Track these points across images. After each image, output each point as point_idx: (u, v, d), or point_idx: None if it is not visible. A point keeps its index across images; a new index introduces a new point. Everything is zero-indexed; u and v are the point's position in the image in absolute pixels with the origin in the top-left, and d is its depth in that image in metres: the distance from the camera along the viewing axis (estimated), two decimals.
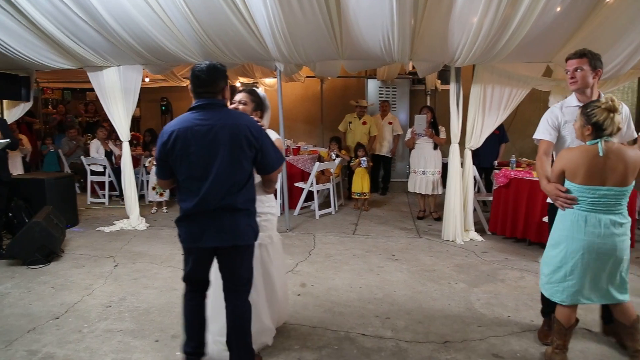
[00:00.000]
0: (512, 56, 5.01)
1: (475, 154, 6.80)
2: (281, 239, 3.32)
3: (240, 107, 2.98)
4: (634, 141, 3.11)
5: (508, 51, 4.84)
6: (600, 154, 2.59)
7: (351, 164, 7.60)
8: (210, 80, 2.51)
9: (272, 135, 3.00)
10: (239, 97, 3.03)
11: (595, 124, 2.61)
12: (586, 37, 4.59)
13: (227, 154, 2.45)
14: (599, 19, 4.42)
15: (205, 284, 2.76)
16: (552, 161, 2.99)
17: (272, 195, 3.11)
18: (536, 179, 5.30)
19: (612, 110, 2.58)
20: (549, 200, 3.05)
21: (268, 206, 3.08)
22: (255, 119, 2.79)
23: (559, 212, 2.84)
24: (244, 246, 2.62)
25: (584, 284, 2.73)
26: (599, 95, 2.97)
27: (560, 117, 3.08)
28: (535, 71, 5.70)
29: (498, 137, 7.02)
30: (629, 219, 2.74)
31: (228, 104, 2.72)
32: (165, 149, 2.49)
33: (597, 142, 2.61)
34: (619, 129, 2.63)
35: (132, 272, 4.63)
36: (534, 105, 9.04)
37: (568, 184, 2.74)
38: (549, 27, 4.50)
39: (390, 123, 8.66)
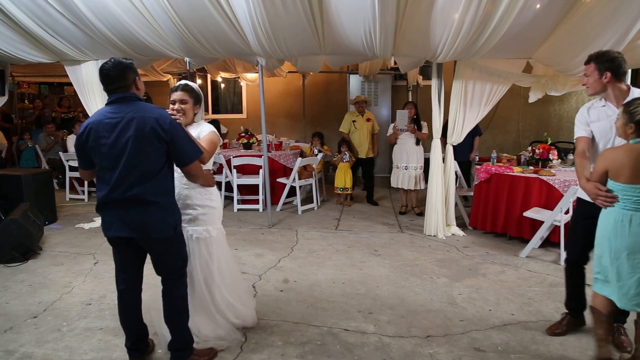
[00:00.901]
0: (493, 52, 5.06)
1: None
2: (223, 233, 3.20)
3: (183, 106, 2.95)
4: None
5: (489, 47, 4.88)
6: None
7: (333, 159, 7.59)
8: (119, 76, 2.58)
9: (207, 128, 3.02)
10: (176, 96, 2.96)
11: (638, 122, 2.55)
12: (565, 33, 4.65)
13: (133, 146, 2.50)
14: (578, 16, 4.48)
15: (136, 280, 2.88)
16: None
17: (213, 188, 3.08)
18: (517, 174, 5.37)
19: None
20: (581, 195, 3.08)
21: (206, 198, 3.03)
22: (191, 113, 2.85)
23: (602, 211, 2.77)
24: (160, 239, 2.65)
25: (635, 287, 2.62)
26: (628, 89, 2.96)
27: (587, 117, 3.10)
28: (515, 67, 5.76)
29: (472, 130, 7.08)
30: None
31: (140, 94, 2.71)
32: (80, 140, 2.61)
33: None
34: None
35: (112, 269, 4.50)
36: (515, 101, 9.19)
37: (611, 184, 2.69)
38: (529, 24, 4.56)
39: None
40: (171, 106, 2.96)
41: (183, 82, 3.09)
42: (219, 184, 7.02)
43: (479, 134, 7.31)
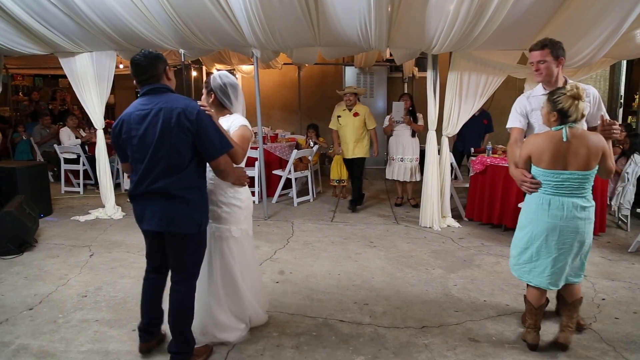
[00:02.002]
0: (488, 43, 5.05)
1: (461, 139, 6.89)
2: (249, 234, 3.12)
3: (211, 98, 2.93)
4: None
5: (484, 38, 4.87)
6: (564, 139, 2.68)
7: (329, 151, 7.59)
8: (150, 65, 2.58)
9: (238, 121, 2.91)
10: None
11: (560, 110, 2.69)
12: (560, 25, 4.65)
13: (159, 137, 2.48)
14: (573, 7, 4.48)
15: (161, 267, 2.84)
16: None
17: (244, 188, 3.00)
18: None
19: (577, 97, 2.66)
20: None
21: (232, 197, 2.92)
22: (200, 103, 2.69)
23: (526, 196, 2.93)
24: (181, 234, 2.62)
25: (550, 267, 2.81)
26: (565, 82, 3.05)
27: (527, 105, 3.17)
28: (511, 58, 5.75)
29: (485, 126, 7.18)
30: (593, 202, 2.82)
31: (172, 84, 2.70)
32: (115, 133, 2.65)
33: (562, 128, 2.70)
34: (583, 116, 2.71)
35: (109, 262, 4.57)
36: (510, 93, 9.14)
37: (533, 169, 2.84)
38: (524, 15, 4.56)
39: (356, 115, 8.46)
40: (203, 97, 2.95)
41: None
42: None
43: (491, 130, 7.37)
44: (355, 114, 6.66)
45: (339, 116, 6.78)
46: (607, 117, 3.01)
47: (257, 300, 3.24)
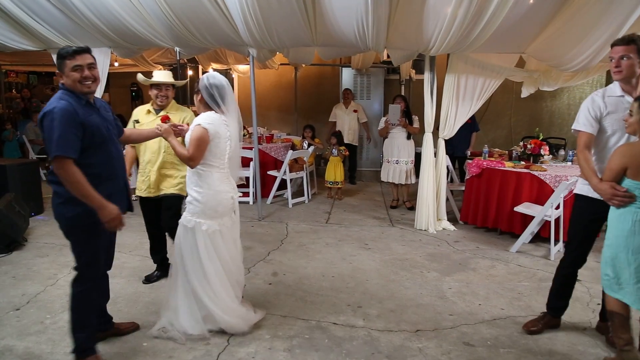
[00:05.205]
0: (485, 46, 5.03)
1: (449, 143, 6.87)
2: (218, 233, 3.05)
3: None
4: None
5: (482, 41, 4.85)
6: None
7: (325, 152, 7.55)
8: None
9: (195, 120, 2.95)
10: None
11: None
12: (559, 29, 4.64)
13: None
14: (572, 11, 4.47)
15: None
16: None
17: (214, 184, 3.00)
18: (508, 169, 5.35)
19: None
20: (579, 191, 2.95)
21: (194, 190, 3.01)
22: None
23: (615, 211, 2.65)
24: (59, 225, 2.65)
25: None
26: None
27: (602, 107, 2.83)
28: (508, 62, 5.75)
29: (470, 126, 7.09)
30: None
31: (69, 79, 2.55)
32: None
33: None
34: None
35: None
36: (507, 96, 9.20)
37: (629, 182, 2.55)
38: (522, 18, 4.54)
39: (355, 111, 8.61)
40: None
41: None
42: None
43: (476, 129, 7.34)
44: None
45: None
46: None
47: (221, 308, 3.06)
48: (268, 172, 7.21)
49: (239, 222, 3.30)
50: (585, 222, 3.00)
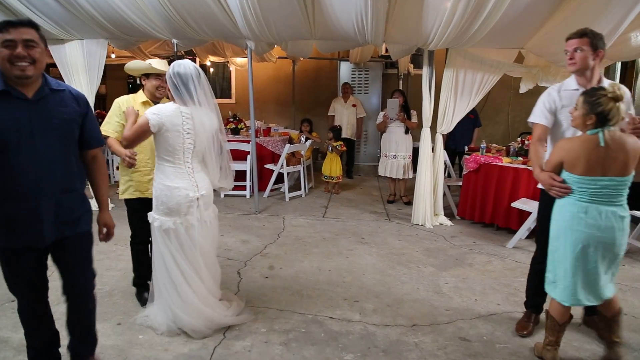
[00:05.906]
0: (485, 41, 5.01)
1: (452, 138, 6.86)
2: (170, 231, 2.92)
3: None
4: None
5: (481, 36, 4.83)
6: (601, 144, 2.45)
7: (322, 146, 7.55)
8: None
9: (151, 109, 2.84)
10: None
11: (600, 113, 2.43)
12: (558, 24, 4.61)
13: None
14: (572, 6, 4.44)
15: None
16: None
17: (169, 178, 2.88)
18: (506, 164, 5.35)
19: (618, 99, 2.41)
20: (540, 185, 2.94)
21: (155, 182, 2.98)
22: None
23: (558, 203, 2.70)
24: None
25: (583, 281, 2.61)
26: (600, 79, 2.83)
27: (557, 100, 2.89)
28: (507, 57, 5.72)
29: (473, 121, 7.12)
30: (629, 212, 2.61)
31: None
32: None
33: (598, 132, 2.47)
34: (622, 119, 2.47)
35: (95, 254, 4.40)
36: (505, 92, 9.18)
37: (566, 175, 2.60)
38: (521, 14, 4.52)
39: (354, 105, 8.61)
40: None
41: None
42: None
43: (478, 125, 7.35)
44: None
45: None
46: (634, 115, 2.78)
47: (182, 308, 2.97)
48: (265, 166, 7.19)
49: (215, 224, 3.14)
50: (550, 215, 3.02)
